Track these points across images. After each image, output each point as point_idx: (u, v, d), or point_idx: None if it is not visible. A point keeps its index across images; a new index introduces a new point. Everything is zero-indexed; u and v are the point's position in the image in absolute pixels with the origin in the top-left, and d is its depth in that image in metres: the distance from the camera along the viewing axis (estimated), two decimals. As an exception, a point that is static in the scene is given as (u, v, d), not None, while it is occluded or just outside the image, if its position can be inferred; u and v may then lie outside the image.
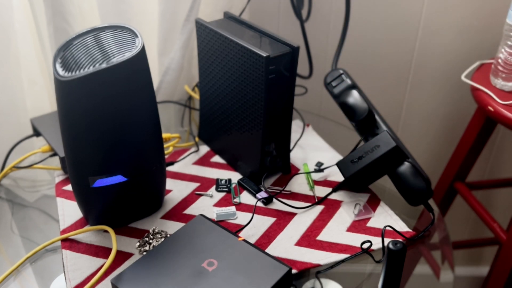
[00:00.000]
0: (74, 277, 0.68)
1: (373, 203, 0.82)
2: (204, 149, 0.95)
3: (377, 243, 0.74)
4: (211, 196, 0.83)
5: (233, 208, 0.80)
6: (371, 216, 0.79)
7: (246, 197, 0.83)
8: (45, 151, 0.88)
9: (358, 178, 0.81)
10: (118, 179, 0.71)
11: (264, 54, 0.74)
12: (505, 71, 0.99)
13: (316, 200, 0.83)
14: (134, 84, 0.66)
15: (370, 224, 0.78)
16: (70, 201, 0.81)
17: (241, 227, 0.75)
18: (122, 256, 0.71)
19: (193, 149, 0.94)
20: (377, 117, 0.87)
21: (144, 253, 0.71)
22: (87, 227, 0.75)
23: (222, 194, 0.84)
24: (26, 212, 0.84)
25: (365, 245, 0.72)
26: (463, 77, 1.04)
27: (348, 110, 0.88)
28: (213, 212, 0.79)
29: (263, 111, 0.79)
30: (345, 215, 0.80)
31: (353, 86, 0.89)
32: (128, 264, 0.69)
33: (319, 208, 0.81)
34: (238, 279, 0.63)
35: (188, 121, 1.05)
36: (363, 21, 1.20)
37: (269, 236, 0.75)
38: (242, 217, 0.79)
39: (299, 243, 0.74)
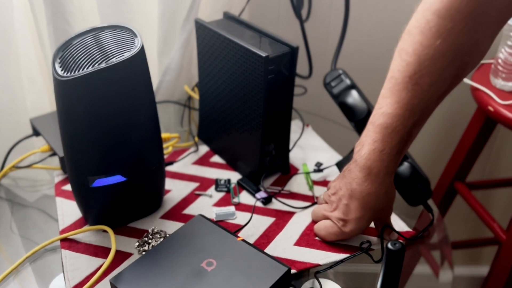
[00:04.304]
0: (73, 277, 0.68)
1: (372, 203, 0.82)
2: (204, 149, 0.95)
3: (376, 243, 0.74)
4: (211, 196, 0.83)
5: (232, 208, 0.80)
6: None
7: (245, 197, 0.83)
8: (45, 151, 0.88)
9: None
10: (117, 179, 0.71)
11: (263, 54, 0.74)
12: (505, 71, 0.99)
13: (315, 200, 0.83)
14: (133, 84, 0.66)
15: (369, 224, 0.78)
16: (69, 200, 0.81)
17: (240, 227, 0.75)
18: (121, 256, 0.71)
19: (192, 149, 0.94)
20: (376, 117, 0.87)
21: (143, 253, 0.71)
22: (86, 227, 0.75)
23: (222, 194, 0.84)
24: (26, 211, 0.84)
25: (364, 245, 0.72)
26: (462, 77, 1.04)
27: (348, 110, 0.88)
28: (213, 212, 0.79)
29: (263, 111, 0.79)
30: (344, 215, 0.80)
31: (353, 86, 0.89)
32: (127, 264, 0.69)
33: (319, 208, 0.81)
34: (237, 279, 0.63)
35: (187, 121, 1.05)
36: (362, 21, 1.20)
37: (268, 236, 0.75)
38: (241, 217, 0.79)
39: (298, 243, 0.74)
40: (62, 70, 0.64)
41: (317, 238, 0.75)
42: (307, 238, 0.75)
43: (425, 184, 0.79)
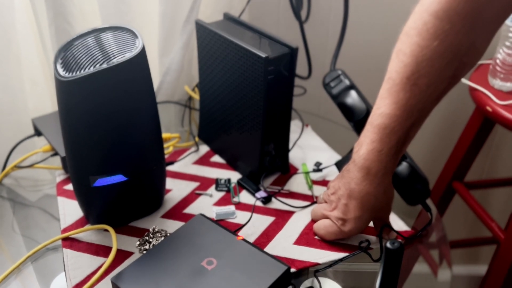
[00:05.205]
0: (75, 276, 0.68)
1: (371, 203, 0.82)
2: (204, 149, 0.95)
3: (375, 242, 0.74)
4: (211, 196, 0.84)
5: (232, 208, 0.80)
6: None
7: (245, 197, 0.84)
8: (46, 151, 0.89)
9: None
10: (119, 178, 0.72)
11: (263, 55, 0.75)
12: (503, 72, 1.00)
13: (315, 200, 0.83)
14: (134, 84, 0.67)
15: (368, 223, 0.78)
16: (71, 200, 0.81)
17: (240, 226, 0.76)
18: (122, 255, 0.72)
19: (193, 149, 0.95)
20: (375, 117, 0.88)
21: (144, 252, 0.72)
22: (87, 226, 0.76)
23: (222, 194, 0.84)
24: (28, 211, 0.85)
25: (363, 244, 0.73)
26: (461, 78, 1.05)
27: (347, 111, 0.89)
28: (213, 211, 0.79)
29: (263, 111, 0.79)
30: (343, 215, 0.80)
31: (351, 86, 0.90)
32: (128, 263, 0.70)
33: (318, 207, 0.81)
34: (237, 277, 0.63)
35: (188, 121, 1.06)
36: (361, 22, 1.20)
37: (268, 235, 0.76)
38: (241, 216, 0.79)
39: (298, 242, 0.75)
40: (63, 71, 0.64)
41: (316, 237, 0.75)
42: (307, 237, 0.75)
43: (423, 183, 0.80)
